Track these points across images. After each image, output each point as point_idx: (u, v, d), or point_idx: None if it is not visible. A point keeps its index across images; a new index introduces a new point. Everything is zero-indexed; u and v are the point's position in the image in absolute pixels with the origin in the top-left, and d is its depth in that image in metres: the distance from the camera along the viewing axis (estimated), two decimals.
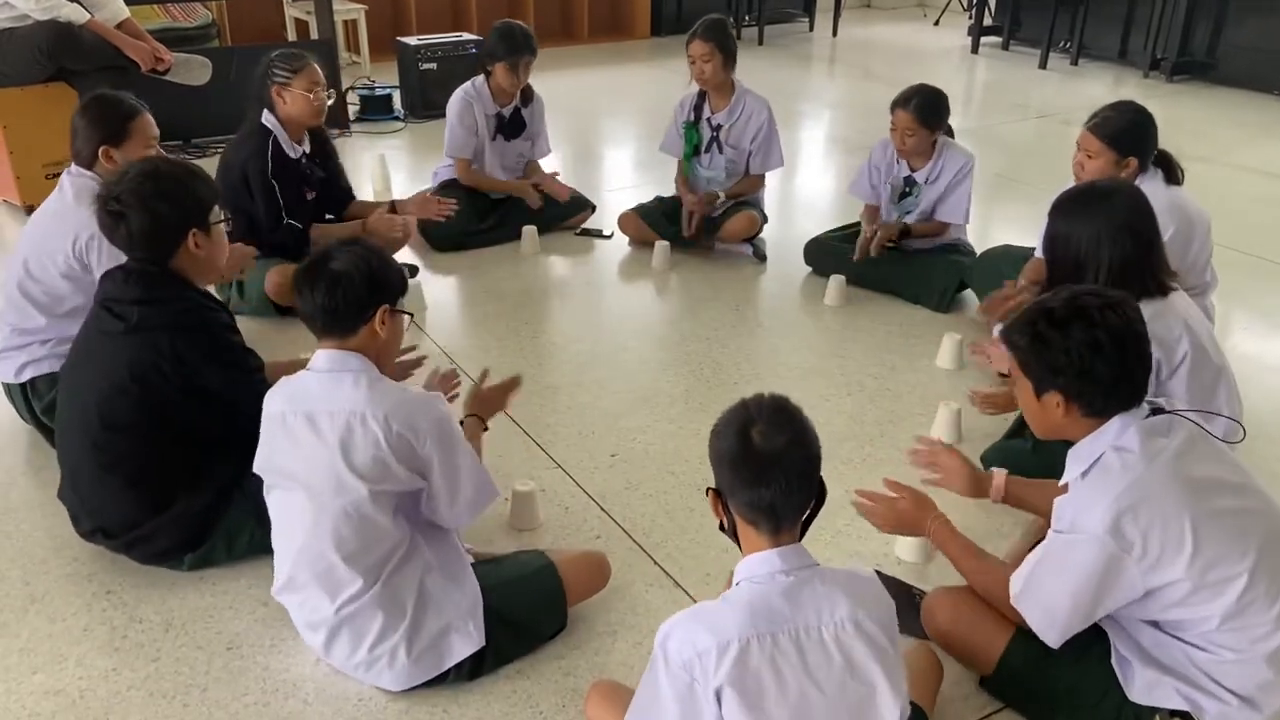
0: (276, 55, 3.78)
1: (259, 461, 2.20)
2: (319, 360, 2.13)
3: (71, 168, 3.03)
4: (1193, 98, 7.45)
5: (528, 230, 4.58)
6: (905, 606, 2.30)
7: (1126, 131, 3.00)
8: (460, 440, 2.18)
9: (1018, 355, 1.94)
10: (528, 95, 4.61)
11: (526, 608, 2.29)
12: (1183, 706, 1.89)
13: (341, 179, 4.18)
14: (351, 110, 6.56)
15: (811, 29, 9.92)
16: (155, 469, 2.46)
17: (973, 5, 9.27)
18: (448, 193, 4.59)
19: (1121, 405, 1.89)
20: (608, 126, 7.00)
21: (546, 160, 4.90)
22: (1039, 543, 2.03)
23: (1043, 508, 2.39)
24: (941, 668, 2.12)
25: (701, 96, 4.41)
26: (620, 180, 5.64)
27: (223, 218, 2.57)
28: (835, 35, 9.70)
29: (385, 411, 2.05)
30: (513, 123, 4.59)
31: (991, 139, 6.41)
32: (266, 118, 3.76)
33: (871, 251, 3.97)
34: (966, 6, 10.04)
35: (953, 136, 4.03)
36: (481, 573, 2.26)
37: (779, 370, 3.63)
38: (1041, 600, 1.93)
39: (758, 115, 4.38)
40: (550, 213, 4.71)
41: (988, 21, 9.10)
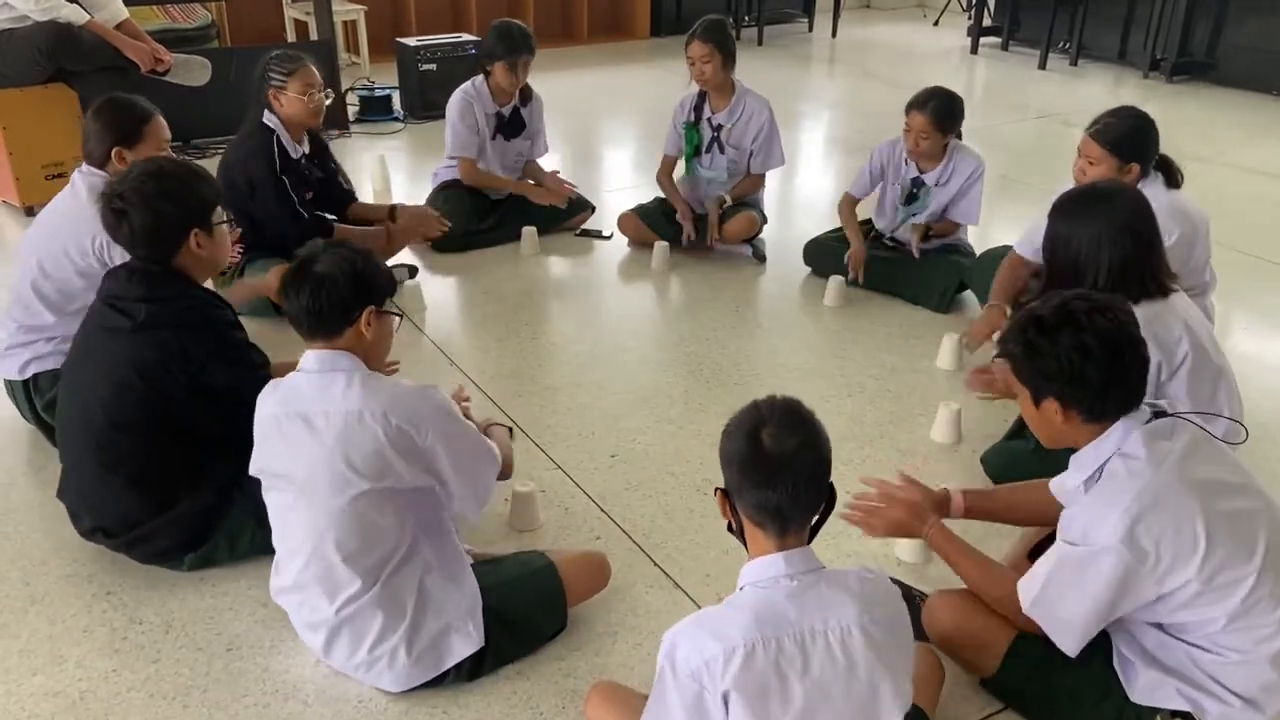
0: (272, 58, 3.79)
1: (254, 464, 2.20)
2: (308, 361, 2.13)
3: (83, 166, 3.03)
4: (1192, 98, 7.45)
5: (527, 231, 4.58)
6: (907, 609, 2.30)
7: (1128, 137, 2.99)
8: (461, 420, 2.19)
9: (1012, 365, 1.95)
10: (526, 95, 4.61)
11: (526, 608, 2.29)
12: (1185, 707, 1.89)
13: (341, 179, 4.18)
14: (351, 111, 6.55)
15: (811, 29, 9.92)
16: (157, 467, 2.46)
17: (972, 6, 9.27)
18: (448, 193, 4.60)
19: (1120, 409, 1.89)
20: (607, 127, 7.00)
21: (545, 160, 4.90)
22: (1039, 544, 2.04)
23: (1003, 514, 2.39)
24: (942, 669, 2.12)
25: (701, 97, 4.41)
26: (620, 181, 5.63)
27: (225, 218, 2.58)
28: (834, 36, 9.71)
29: (383, 407, 2.05)
30: (512, 122, 4.59)
31: (991, 139, 6.40)
32: (268, 117, 3.76)
33: (915, 249, 4.00)
34: (966, 7, 10.03)
35: (960, 139, 4.02)
36: (481, 573, 2.26)
37: (779, 371, 3.63)
38: (1058, 613, 1.92)
39: (759, 115, 4.38)
40: (550, 213, 4.71)
41: (987, 22, 9.10)
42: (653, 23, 9.39)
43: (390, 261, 4.19)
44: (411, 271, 4.27)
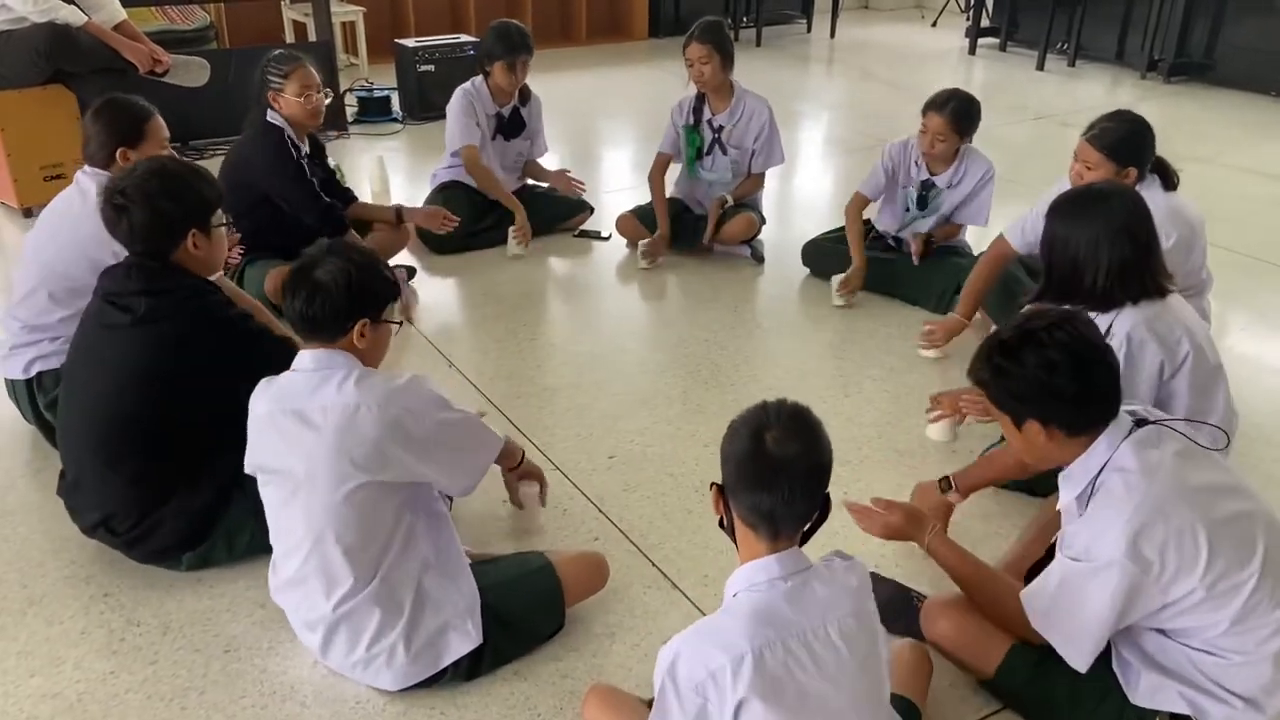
0: (270, 59, 3.79)
1: (249, 461, 2.20)
2: (304, 360, 2.13)
3: (86, 167, 3.01)
4: (1190, 98, 7.45)
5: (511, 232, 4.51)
6: (903, 609, 2.31)
7: (1125, 142, 3.00)
8: (453, 408, 2.21)
9: (987, 393, 1.96)
10: (525, 95, 4.61)
11: (524, 607, 2.29)
12: (1185, 710, 1.89)
13: (336, 181, 4.19)
14: (350, 112, 6.55)
15: (809, 30, 9.92)
16: (160, 463, 2.46)
17: (970, 6, 9.27)
18: (448, 194, 4.60)
19: (1099, 418, 1.90)
20: (606, 128, 7.00)
21: (545, 159, 4.89)
22: (1036, 564, 2.05)
23: (996, 475, 2.56)
24: (930, 662, 2.12)
25: (700, 99, 4.40)
26: (618, 182, 5.63)
27: (224, 221, 2.59)
28: (833, 36, 9.71)
29: (378, 401, 2.06)
30: (512, 122, 4.59)
31: (989, 140, 6.36)
32: (272, 116, 3.77)
33: (915, 257, 4.02)
34: (964, 8, 10.03)
35: (970, 142, 4.01)
36: (479, 572, 2.26)
37: (777, 372, 3.64)
38: (1066, 629, 1.93)
39: (759, 115, 4.38)
40: (548, 214, 4.71)
41: (985, 23, 9.10)
42: (651, 24, 9.39)
43: (389, 262, 4.20)
44: (410, 273, 4.27)
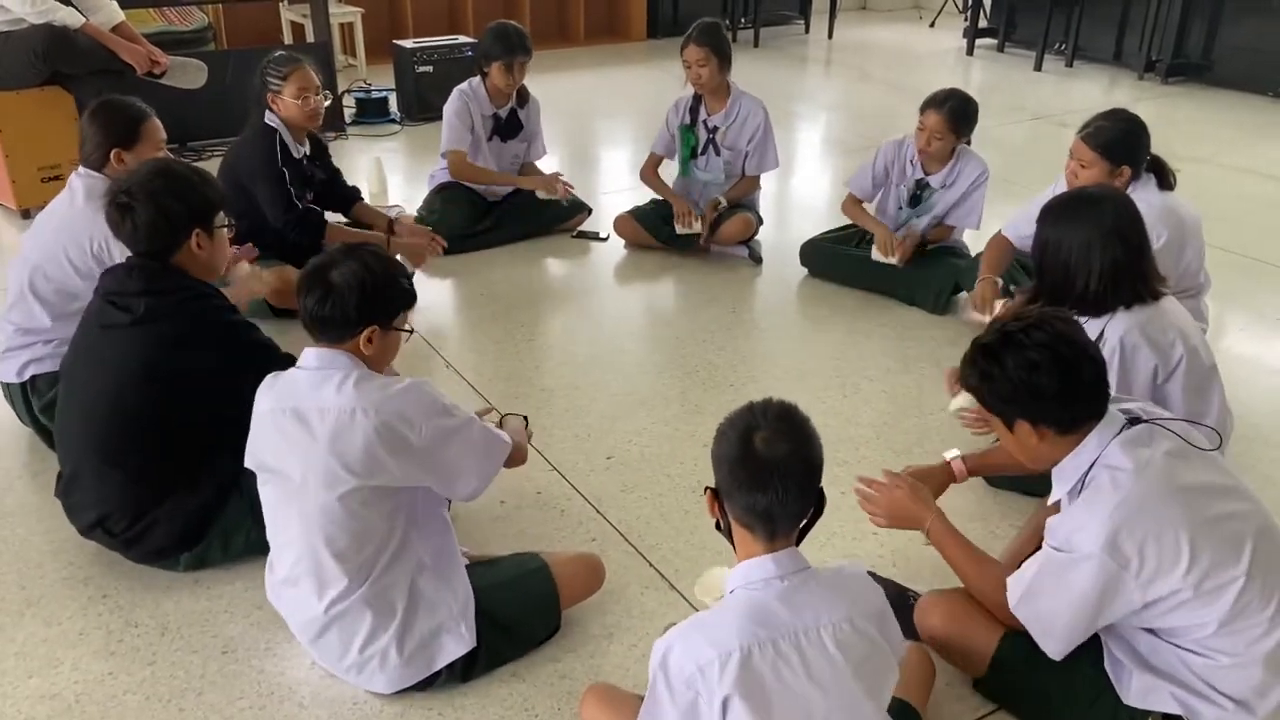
0: (270, 60, 3.79)
1: (249, 457, 2.20)
2: (308, 358, 2.13)
3: (80, 169, 3.02)
4: (1188, 99, 7.46)
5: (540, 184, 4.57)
6: (899, 608, 2.30)
7: (1119, 140, 3.01)
8: (456, 413, 2.18)
9: (977, 397, 1.98)
10: (523, 96, 4.61)
11: (520, 610, 2.29)
12: (1178, 711, 1.90)
13: (340, 180, 4.19)
14: (348, 113, 6.55)
15: (807, 31, 9.92)
16: (159, 463, 2.46)
17: (968, 7, 9.27)
18: (445, 195, 4.60)
19: (1087, 414, 1.90)
20: (604, 129, 7.01)
21: (543, 162, 4.89)
22: (1038, 549, 2.04)
23: (1002, 462, 2.51)
24: (933, 666, 2.13)
25: (696, 99, 4.41)
26: (616, 183, 5.63)
27: (227, 222, 2.60)
28: (831, 37, 9.71)
29: (374, 405, 2.05)
30: (509, 124, 4.59)
31: (987, 141, 6.37)
32: (269, 118, 3.77)
33: (898, 263, 4.01)
34: (962, 8, 10.04)
35: (969, 143, 4.01)
36: (475, 574, 2.26)
37: (775, 372, 3.64)
38: (1040, 615, 1.94)
39: (754, 117, 4.38)
40: (546, 215, 4.72)
41: (983, 23, 9.10)
42: (649, 25, 9.38)
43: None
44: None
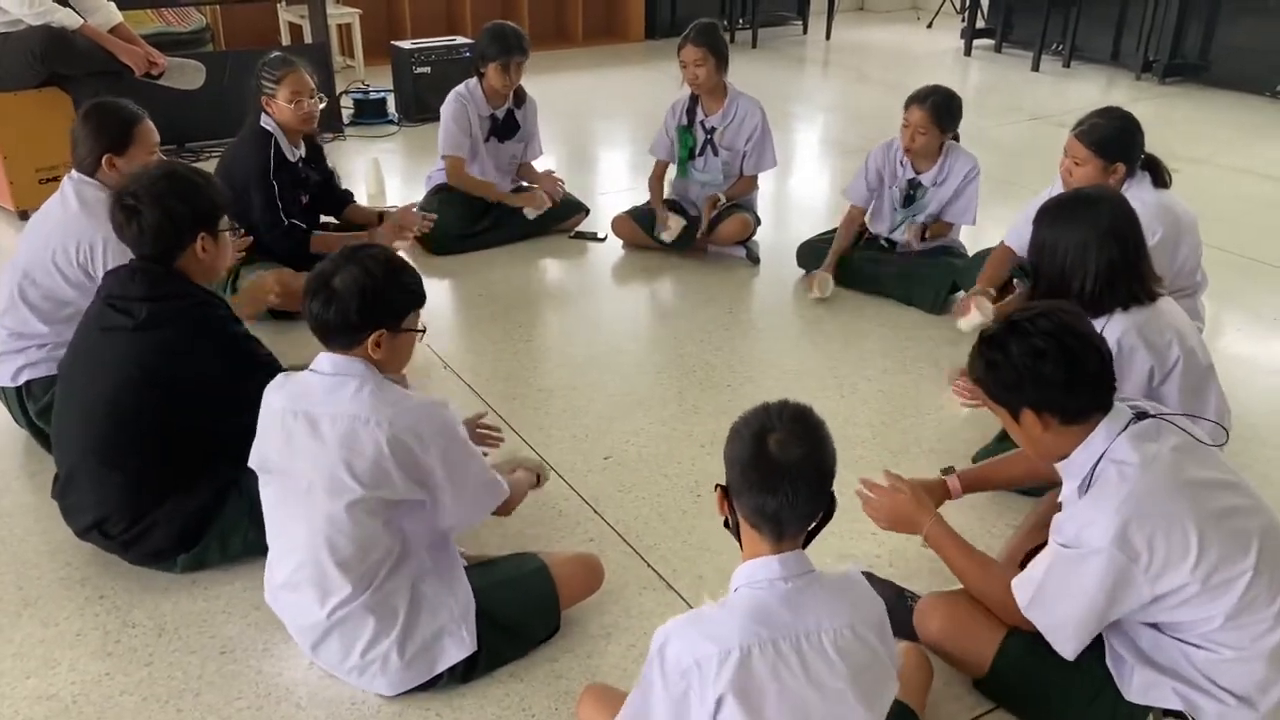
0: (265, 63, 3.79)
1: (254, 456, 2.19)
2: (322, 363, 2.12)
3: (72, 173, 3.00)
4: (1185, 99, 7.47)
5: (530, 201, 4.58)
6: (897, 609, 2.31)
7: (1113, 138, 3.03)
8: (466, 443, 2.17)
9: (983, 388, 1.99)
10: (520, 97, 4.61)
11: (519, 611, 2.29)
12: (1179, 707, 1.90)
13: (335, 182, 4.20)
14: (346, 114, 6.55)
15: (805, 32, 9.92)
16: (157, 466, 2.46)
17: (965, 8, 9.28)
18: (442, 196, 4.60)
19: (1092, 404, 1.91)
20: (602, 129, 7.01)
21: (539, 162, 4.90)
22: (1031, 551, 2.05)
23: (1000, 480, 2.52)
24: (930, 667, 2.13)
25: (694, 100, 4.41)
26: (614, 183, 5.64)
27: (231, 226, 2.60)
28: (829, 38, 9.71)
29: (388, 417, 2.04)
30: (506, 124, 4.59)
31: (984, 141, 6.41)
32: (266, 121, 3.77)
33: (915, 243, 4.07)
34: (959, 9, 10.04)
35: (958, 141, 4.03)
36: (474, 575, 2.26)
37: (772, 372, 3.64)
38: (1054, 615, 1.94)
39: (751, 117, 4.38)
40: (544, 216, 4.71)
41: (980, 24, 9.10)
42: (647, 25, 9.38)
43: None
44: None
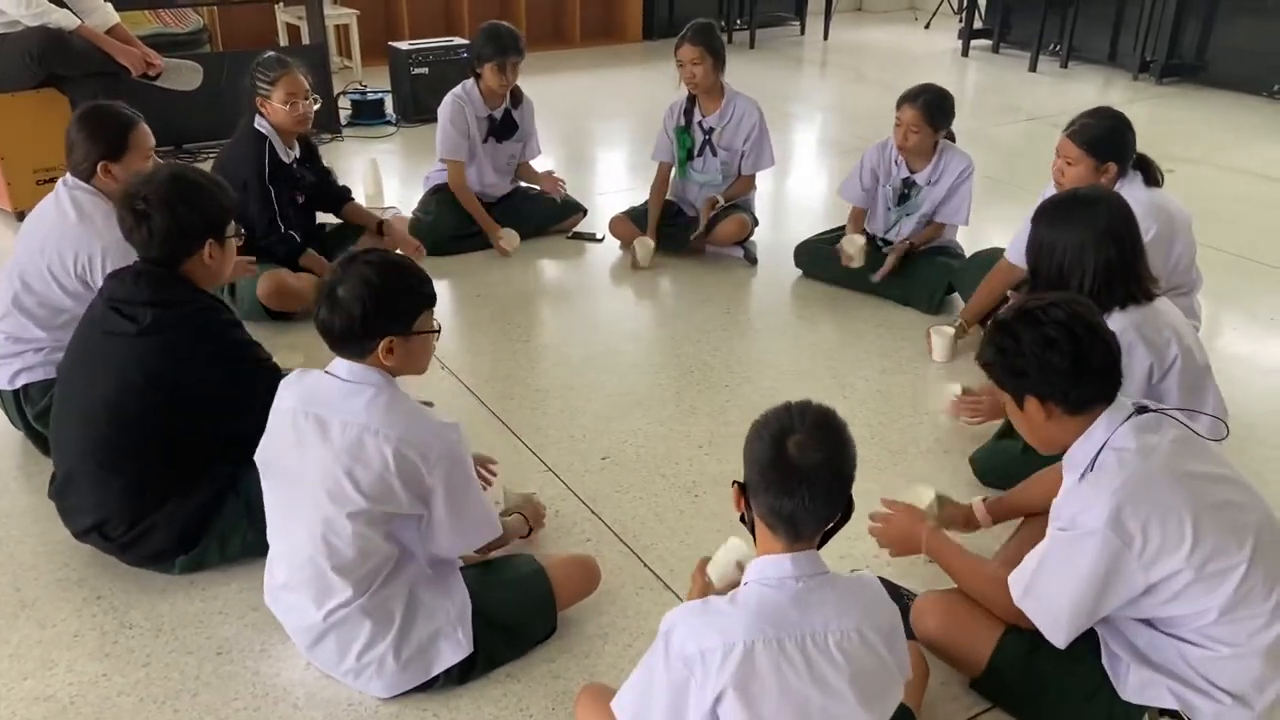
0: (259, 63, 3.78)
1: (260, 452, 2.19)
2: (339, 367, 2.10)
3: (67, 178, 2.97)
4: (1182, 99, 7.48)
5: (507, 232, 4.55)
6: None
7: (1104, 138, 3.04)
8: (470, 473, 2.17)
9: (990, 374, 2.00)
10: (517, 97, 4.61)
11: (517, 612, 2.29)
12: (1175, 706, 1.90)
13: (332, 180, 4.20)
14: (343, 114, 6.55)
15: (803, 32, 9.93)
16: (157, 469, 2.46)
17: (963, 8, 9.29)
18: (440, 196, 4.61)
19: (1096, 395, 1.92)
20: (599, 130, 7.01)
21: (537, 162, 4.90)
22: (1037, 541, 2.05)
23: (1036, 504, 2.44)
24: (928, 667, 2.13)
25: (691, 101, 4.42)
26: (612, 184, 5.64)
27: (238, 230, 2.60)
28: (826, 38, 9.72)
29: (398, 433, 2.03)
30: (504, 124, 4.59)
31: (982, 141, 6.41)
32: (260, 122, 3.77)
33: (876, 277, 4.07)
34: (957, 9, 10.05)
35: (954, 140, 4.04)
36: (471, 577, 2.26)
37: (770, 373, 3.64)
38: (1046, 599, 1.94)
39: (749, 117, 4.39)
40: (541, 216, 4.72)
41: (978, 24, 9.11)
42: (645, 26, 9.39)
43: None
44: None
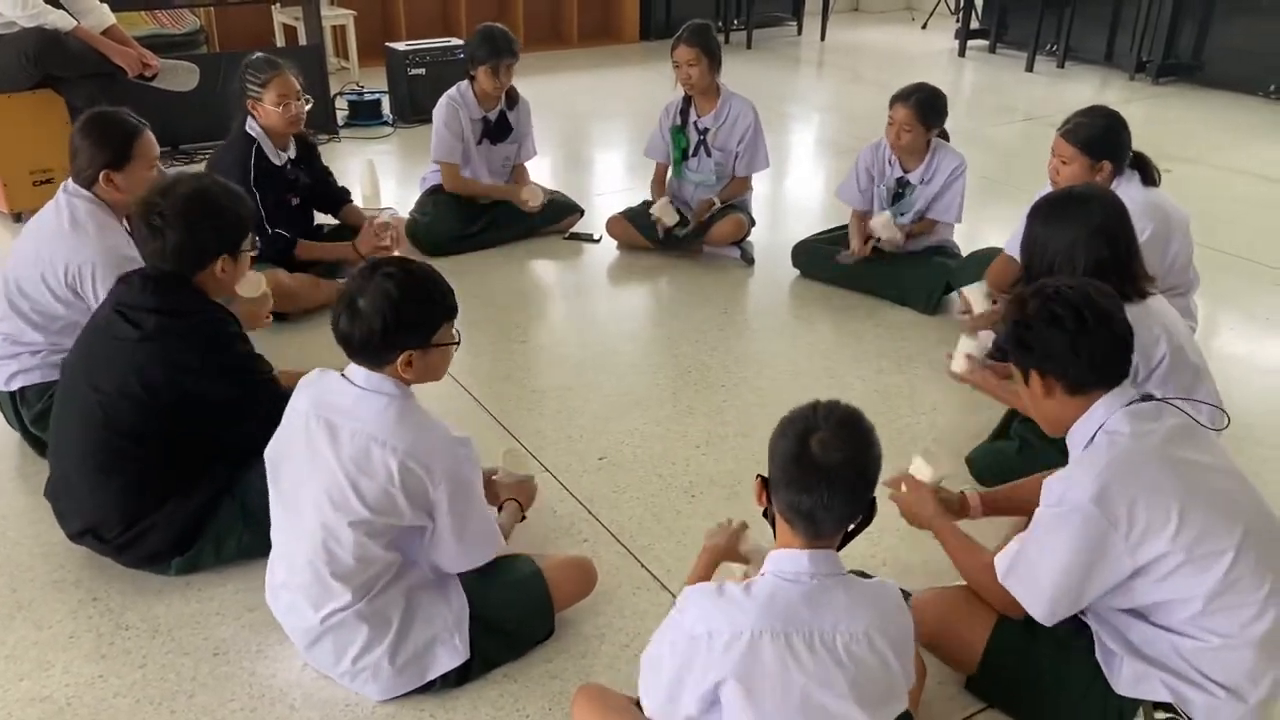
0: (248, 65, 3.78)
1: (270, 449, 2.19)
2: (356, 374, 2.09)
3: (69, 184, 2.94)
4: (1179, 99, 7.48)
5: (530, 189, 4.58)
6: None
7: (1098, 137, 3.06)
8: (475, 490, 2.16)
9: (1007, 349, 2.03)
10: (513, 98, 4.61)
11: (515, 616, 2.29)
12: (1168, 699, 1.90)
13: (330, 180, 4.19)
14: (340, 115, 6.55)
15: (800, 33, 9.93)
16: (155, 473, 2.46)
17: (959, 9, 9.29)
18: (437, 197, 4.60)
19: (1098, 378, 1.94)
20: (597, 130, 7.01)
21: (535, 163, 4.89)
22: None
23: (1024, 505, 2.43)
24: (924, 667, 2.13)
25: (687, 101, 4.42)
26: (609, 184, 5.64)
27: (254, 245, 2.60)
28: (823, 39, 9.72)
29: (405, 446, 2.02)
30: (499, 126, 4.59)
31: (979, 141, 6.42)
32: (250, 125, 3.76)
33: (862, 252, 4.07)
34: (953, 10, 10.06)
35: (948, 140, 4.04)
36: (470, 580, 2.25)
37: (767, 373, 3.64)
38: (1028, 574, 1.96)
39: (744, 117, 4.39)
40: (539, 217, 4.72)
41: (975, 25, 9.12)
42: (642, 26, 9.40)
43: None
44: None
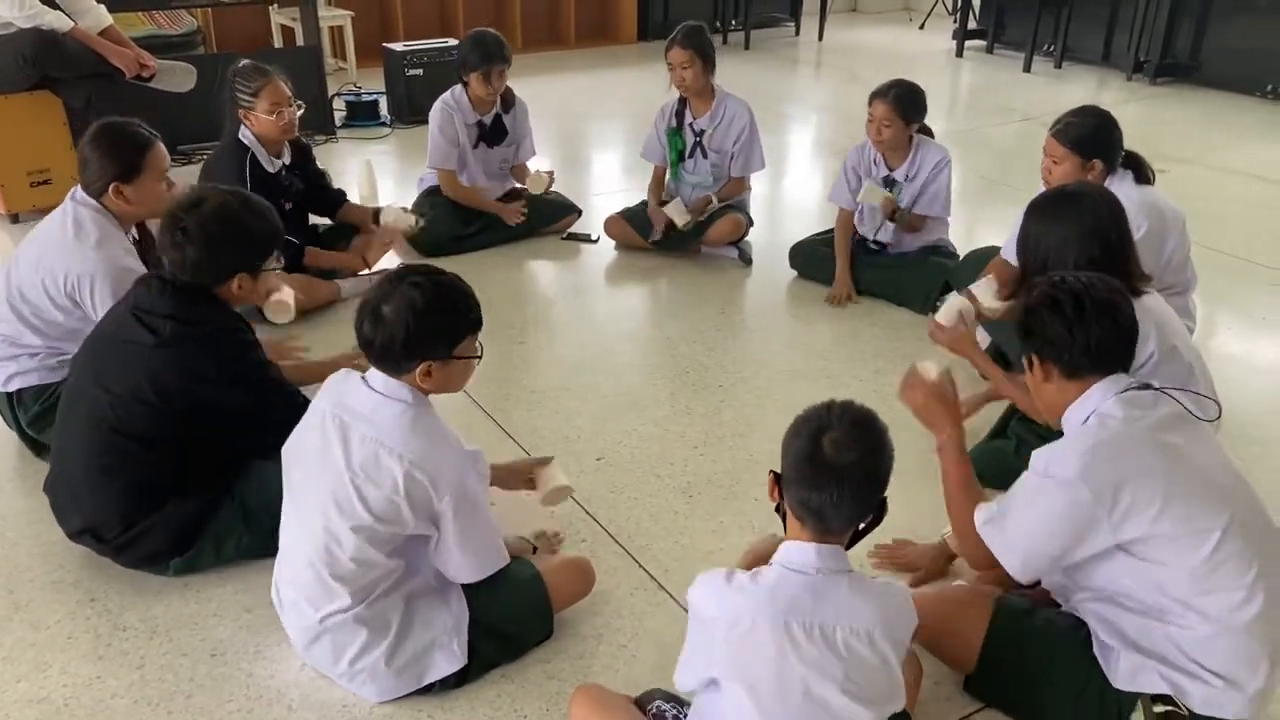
0: (237, 73, 3.76)
1: (288, 445, 2.20)
2: (375, 378, 2.10)
3: (76, 193, 2.92)
4: (1176, 99, 7.49)
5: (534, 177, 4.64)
6: None
7: (1089, 136, 3.07)
8: (480, 505, 2.16)
9: (1019, 332, 2.06)
10: (509, 101, 4.61)
11: (514, 618, 2.29)
12: (1165, 689, 1.91)
13: (326, 183, 4.19)
14: (338, 116, 6.55)
15: (798, 33, 9.94)
16: (158, 475, 2.46)
17: (957, 9, 9.30)
18: (435, 198, 4.61)
19: (1094, 363, 1.96)
20: (594, 131, 7.01)
21: (534, 163, 4.89)
22: None
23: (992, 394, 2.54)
24: (920, 666, 2.13)
25: (682, 103, 4.42)
26: (607, 184, 5.64)
27: (277, 262, 2.59)
28: (821, 39, 9.73)
29: (412, 455, 2.02)
30: (494, 129, 4.59)
31: (976, 142, 6.43)
32: (243, 133, 3.75)
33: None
34: (951, 10, 10.07)
35: (932, 136, 4.05)
36: (470, 585, 2.24)
37: (765, 373, 3.64)
38: (1005, 529, 1.99)
39: (739, 118, 4.39)
40: (537, 217, 4.72)
41: (972, 25, 9.13)
42: (639, 27, 9.41)
43: (377, 267, 4.20)
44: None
